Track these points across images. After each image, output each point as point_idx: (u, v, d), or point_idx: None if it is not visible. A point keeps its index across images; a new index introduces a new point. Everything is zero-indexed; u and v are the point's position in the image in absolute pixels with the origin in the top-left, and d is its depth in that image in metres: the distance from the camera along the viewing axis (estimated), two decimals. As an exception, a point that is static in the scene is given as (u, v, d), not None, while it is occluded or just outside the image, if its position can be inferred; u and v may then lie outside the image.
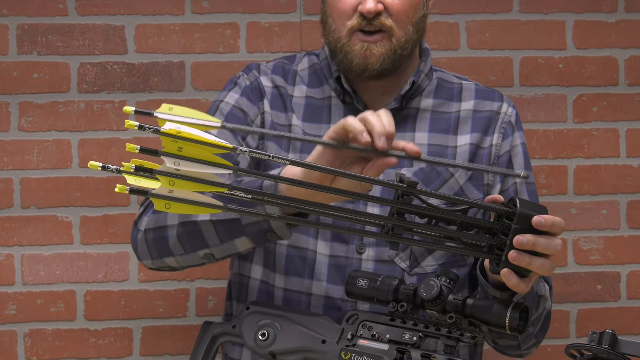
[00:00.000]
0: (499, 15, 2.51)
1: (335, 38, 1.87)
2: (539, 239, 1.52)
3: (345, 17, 1.85)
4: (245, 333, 1.72)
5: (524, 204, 1.53)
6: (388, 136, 1.54)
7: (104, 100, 2.42)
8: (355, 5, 1.84)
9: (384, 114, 1.56)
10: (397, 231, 1.51)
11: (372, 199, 1.51)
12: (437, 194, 1.52)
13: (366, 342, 1.64)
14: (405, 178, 1.50)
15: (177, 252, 1.76)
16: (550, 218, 1.53)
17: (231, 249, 1.73)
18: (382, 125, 1.54)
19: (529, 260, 1.53)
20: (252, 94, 1.93)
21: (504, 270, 1.54)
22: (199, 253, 1.75)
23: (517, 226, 1.52)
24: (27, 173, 2.40)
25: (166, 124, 1.37)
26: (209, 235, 1.72)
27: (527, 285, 1.56)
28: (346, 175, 1.50)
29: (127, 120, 1.35)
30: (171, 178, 1.38)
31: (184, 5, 2.44)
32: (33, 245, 2.40)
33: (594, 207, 2.52)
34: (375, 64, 1.84)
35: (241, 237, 1.70)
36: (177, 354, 2.44)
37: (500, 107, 1.95)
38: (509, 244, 1.53)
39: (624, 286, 2.53)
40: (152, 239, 1.78)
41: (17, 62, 2.40)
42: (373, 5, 1.82)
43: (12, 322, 2.40)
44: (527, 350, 1.89)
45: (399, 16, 1.84)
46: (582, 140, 2.52)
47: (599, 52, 2.53)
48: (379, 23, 1.83)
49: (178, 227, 1.74)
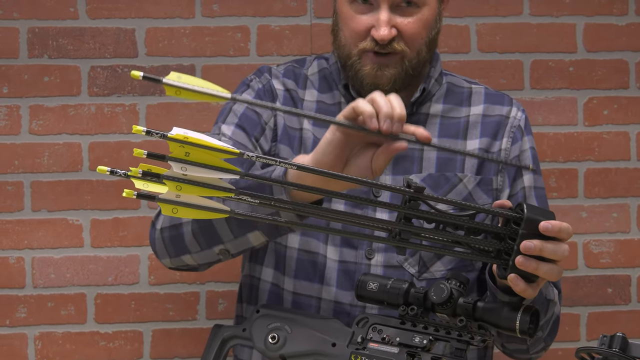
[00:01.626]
0: (509, 18, 2.50)
1: (345, 54, 1.86)
2: (546, 244, 1.52)
3: (357, 38, 1.83)
4: (255, 336, 1.72)
5: (531, 209, 1.53)
6: (398, 119, 1.53)
7: (114, 104, 2.42)
8: (368, 27, 1.82)
9: (394, 97, 1.54)
10: (404, 236, 1.51)
11: (380, 203, 1.50)
12: (444, 199, 1.51)
13: (376, 345, 1.64)
14: (412, 183, 1.50)
15: (193, 249, 1.76)
16: (558, 223, 1.53)
17: (245, 244, 1.73)
18: (389, 108, 1.52)
19: (536, 265, 1.52)
20: (264, 96, 1.93)
21: (511, 275, 1.54)
22: (214, 249, 1.75)
23: (524, 231, 1.52)
24: (38, 176, 2.41)
25: (173, 129, 1.37)
26: (222, 231, 1.71)
27: (535, 290, 1.56)
28: (354, 181, 1.48)
29: (134, 126, 1.35)
30: (178, 183, 1.38)
31: (194, 8, 2.44)
32: (43, 248, 2.41)
33: (604, 210, 2.52)
34: (385, 85, 1.82)
35: (254, 231, 1.70)
36: (187, 356, 2.44)
37: (510, 111, 1.95)
38: (516, 249, 1.52)
39: (635, 289, 2.53)
40: (168, 236, 1.78)
41: (28, 65, 2.41)
42: (387, 32, 1.80)
43: (23, 325, 2.40)
44: (536, 354, 1.89)
45: (411, 39, 1.83)
46: (592, 143, 2.52)
47: (609, 55, 2.52)
48: (391, 48, 1.82)
49: (192, 223, 1.74)
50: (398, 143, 1.54)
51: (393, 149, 1.54)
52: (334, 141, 1.56)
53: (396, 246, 1.51)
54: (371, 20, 1.82)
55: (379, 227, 1.51)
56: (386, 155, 1.55)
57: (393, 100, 1.54)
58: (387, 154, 1.54)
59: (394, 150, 1.54)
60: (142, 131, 1.35)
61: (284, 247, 1.87)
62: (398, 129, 1.53)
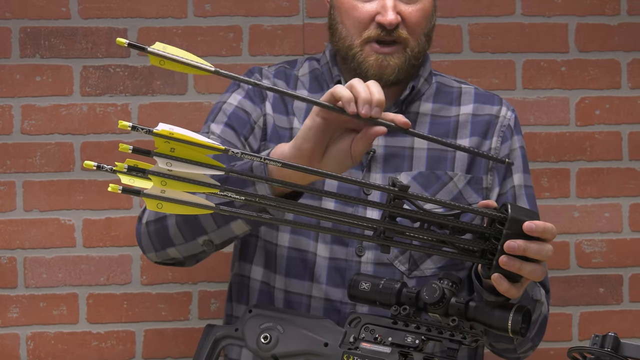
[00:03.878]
0: (501, 18, 2.51)
1: (347, 45, 1.86)
2: (529, 244, 1.53)
3: (361, 27, 1.84)
4: (247, 336, 1.72)
5: (515, 209, 1.54)
6: (376, 104, 1.54)
7: (106, 103, 2.42)
8: (372, 14, 1.83)
9: (373, 84, 1.56)
10: (388, 234, 1.52)
11: (366, 202, 1.51)
12: (429, 198, 1.52)
13: (368, 345, 1.64)
14: (397, 182, 1.51)
15: (177, 241, 1.77)
16: (541, 224, 1.53)
17: (228, 233, 1.73)
18: (367, 93, 1.54)
19: (520, 265, 1.53)
20: (254, 95, 1.93)
21: (495, 274, 1.55)
22: (198, 240, 1.75)
23: (508, 231, 1.53)
24: (30, 176, 2.40)
25: (159, 125, 1.39)
26: (205, 221, 1.72)
27: (519, 290, 1.57)
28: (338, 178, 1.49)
29: (120, 121, 1.36)
30: (163, 178, 1.40)
31: (186, 8, 2.44)
32: (35, 248, 2.40)
33: (596, 210, 2.52)
34: (390, 75, 1.84)
35: (236, 220, 1.70)
36: (179, 356, 2.44)
37: (499, 110, 1.96)
38: (500, 248, 1.53)
39: (626, 289, 2.53)
40: (154, 230, 1.79)
41: (20, 65, 2.40)
42: (394, 17, 1.81)
43: (15, 325, 2.40)
44: (524, 354, 1.89)
45: (414, 27, 1.85)
46: (584, 143, 2.52)
47: (601, 55, 2.53)
48: (396, 35, 1.83)
49: (176, 216, 1.74)
50: (377, 128, 1.55)
51: (372, 133, 1.56)
52: (314, 127, 1.58)
53: (380, 244, 1.52)
54: (375, 7, 1.83)
55: (364, 225, 1.53)
56: (365, 140, 1.56)
57: (372, 86, 1.56)
58: (366, 139, 1.56)
59: (373, 134, 1.56)
60: (128, 127, 1.36)
61: (274, 246, 1.87)
62: (377, 114, 1.54)
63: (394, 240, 1.52)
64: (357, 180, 1.51)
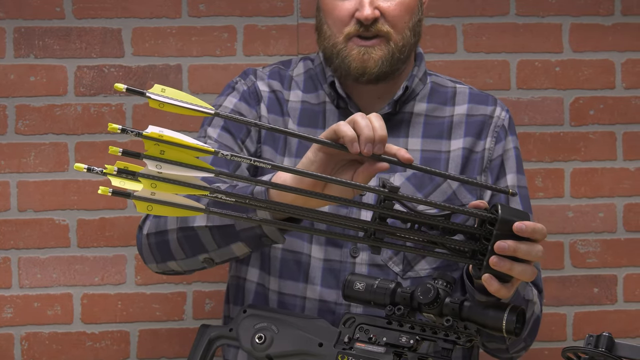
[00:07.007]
0: (495, 18, 2.51)
1: (331, 44, 1.87)
2: (519, 244, 1.53)
3: (341, 24, 1.85)
4: (242, 336, 1.72)
5: (505, 209, 1.54)
6: (379, 141, 1.54)
7: (100, 103, 2.42)
8: (351, 11, 1.84)
9: (375, 118, 1.56)
10: (378, 235, 1.52)
11: (356, 203, 1.51)
12: (418, 199, 1.52)
13: (363, 345, 1.64)
14: (387, 183, 1.51)
15: (178, 256, 1.77)
16: (531, 224, 1.53)
17: (229, 254, 1.74)
18: (370, 130, 1.54)
19: (510, 265, 1.53)
20: (249, 98, 1.93)
21: (485, 275, 1.55)
22: (199, 257, 1.76)
23: (498, 232, 1.53)
24: (24, 176, 2.40)
25: (149, 127, 1.38)
26: (206, 240, 1.72)
27: (509, 290, 1.57)
28: (332, 181, 1.50)
29: (110, 124, 1.36)
30: (153, 180, 1.40)
31: (180, 8, 2.44)
32: (30, 248, 2.40)
33: (591, 210, 2.53)
34: (373, 68, 1.84)
35: (237, 242, 1.71)
36: (173, 356, 2.44)
37: (494, 110, 1.96)
38: (490, 249, 1.53)
39: (621, 289, 2.53)
40: (155, 243, 1.79)
41: (14, 65, 2.40)
42: (370, 12, 1.82)
43: (9, 325, 2.40)
44: (516, 354, 1.89)
45: (395, 21, 1.85)
46: (578, 143, 2.52)
47: (595, 55, 2.53)
48: (375, 29, 1.84)
49: (177, 231, 1.75)
50: (379, 164, 1.56)
51: (375, 169, 1.56)
52: (316, 162, 1.58)
53: (371, 245, 1.52)
54: (354, 4, 1.84)
55: (354, 227, 1.53)
56: (367, 175, 1.57)
57: (374, 121, 1.55)
58: (368, 173, 1.57)
59: (375, 170, 1.56)
60: (118, 129, 1.36)
61: (269, 248, 1.87)
62: (379, 151, 1.55)
63: (385, 241, 1.53)
64: (348, 182, 1.51)
